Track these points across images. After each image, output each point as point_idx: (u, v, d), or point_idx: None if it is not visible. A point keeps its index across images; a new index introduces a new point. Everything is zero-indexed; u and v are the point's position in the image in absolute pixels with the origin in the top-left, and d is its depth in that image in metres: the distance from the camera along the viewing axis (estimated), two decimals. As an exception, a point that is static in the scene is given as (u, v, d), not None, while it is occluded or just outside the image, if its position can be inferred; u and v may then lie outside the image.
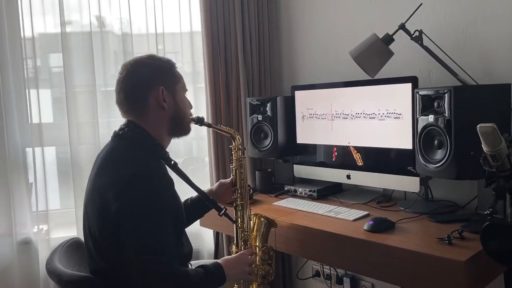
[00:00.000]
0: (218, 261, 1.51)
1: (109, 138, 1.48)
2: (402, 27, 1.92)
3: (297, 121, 2.39)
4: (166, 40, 2.54)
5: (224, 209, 1.67)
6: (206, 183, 2.63)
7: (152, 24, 2.52)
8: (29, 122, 2.35)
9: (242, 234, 1.65)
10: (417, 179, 1.91)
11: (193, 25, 2.60)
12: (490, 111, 1.60)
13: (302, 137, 2.38)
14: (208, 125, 1.64)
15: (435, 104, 1.67)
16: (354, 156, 2.16)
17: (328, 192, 2.25)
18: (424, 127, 1.71)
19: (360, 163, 2.14)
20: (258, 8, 2.61)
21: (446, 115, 1.61)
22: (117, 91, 1.43)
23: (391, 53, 1.96)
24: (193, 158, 2.72)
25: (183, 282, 1.32)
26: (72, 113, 2.37)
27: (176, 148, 2.58)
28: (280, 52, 2.75)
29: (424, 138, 1.73)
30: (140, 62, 1.44)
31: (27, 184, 2.36)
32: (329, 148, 2.27)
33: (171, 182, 1.40)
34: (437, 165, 1.67)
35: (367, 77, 2.03)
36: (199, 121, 1.58)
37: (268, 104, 2.36)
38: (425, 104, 1.72)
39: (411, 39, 1.90)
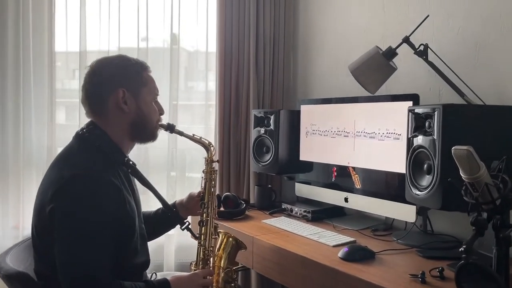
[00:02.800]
0: (168, 277, 1.43)
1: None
2: (406, 40, 1.76)
3: (301, 136, 2.27)
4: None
5: (187, 223, 1.59)
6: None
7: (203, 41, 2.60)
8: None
9: (203, 253, 1.55)
10: (414, 207, 1.72)
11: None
12: (488, 135, 1.41)
13: (305, 154, 2.25)
14: (179, 133, 1.55)
15: (426, 124, 1.50)
16: (353, 177, 2.00)
17: (324, 214, 2.09)
18: (414, 149, 1.54)
19: (358, 185, 1.98)
20: (275, 20, 2.55)
21: (435, 136, 1.43)
22: (81, 90, 1.41)
23: (392, 68, 1.80)
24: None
25: None
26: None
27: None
28: (295, 64, 2.66)
29: (414, 161, 1.55)
30: (106, 61, 1.41)
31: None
32: (329, 167, 2.12)
33: (117, 188, 1.29)
34: (423, 192, 1.48)
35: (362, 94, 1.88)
36: (170, 128, 1.51)
37: (271, 117, 2.26)
38: (418, 123, 1.55)
39: (414, 53, 1.73)
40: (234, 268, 1.62)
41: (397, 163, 1.77)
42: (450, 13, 1.84)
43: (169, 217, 1.63)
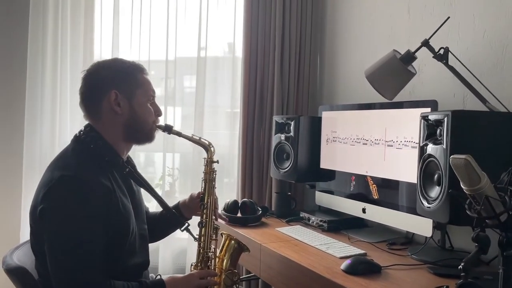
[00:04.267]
0: (164, 278, 1.43)
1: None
2: (426, 43, 1.66)
3: (322, 144, 2.20)
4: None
5: (186, 225, 1.59)
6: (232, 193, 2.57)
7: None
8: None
9: (203, 255, 1.54)
10: (430, 221, 1.61)
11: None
12: (502, 144, 1.29)
13: (326, 162, 2.19)
14: (178, 134, 1.55)
15: (438, 131, 1.40)
16: (371, 187, 1.91)
17: (342, 225, 2.01)
18: (424, 159, 1.45)
19: (375, 196, 1.89)
20: (301, 25, 2.51)
21: (444, 145, 1.34)
22: (79, 93, 1.45)
23: (410, 73, 1.71)
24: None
25: None
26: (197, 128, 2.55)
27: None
28: (322, 70, 2.60)
29: (424, 172, 1.45)
30: (100, 65, 1.44)
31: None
32: (348, 176, 2.04)
33: (106, 189, 1.30)
34: (432, 204, 1.38)
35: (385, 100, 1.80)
36: (167, 129, 1.52)
37: (292, 123, 2.22)
38: (430, 131, 1.46)
39: (433, 57, 1.63)
40: (242, 277, 1.59)
41: (414, 173, 1.66)
42: (476, 15, 1.73)
43: (171, 218, 1.63)
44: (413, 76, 1.72)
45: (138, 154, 2.67)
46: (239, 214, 2.14)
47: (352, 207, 2.01)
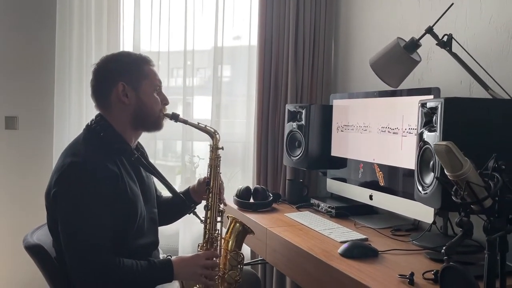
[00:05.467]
0: (172, 258, 1.52)
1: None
2: (429, 30, 1.66)
3: (333, 132, 2.23)
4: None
5: (193, 208, 1.67)
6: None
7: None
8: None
9: (208, 236, 1.62)
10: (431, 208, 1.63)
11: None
12: (495, 132, 1.30)
13: (336, 150, 2.22)
14: (184, 122, 1.62)
15: (434, 118, 1.42)
16: (377, 174, 1.93)
17: (350, 211, 2.04)
18: (421, 146, 1.46)
19: (382, 183, 1.91)
20: (316, 14, 2.52)
21: (437, 132, 1.35)
22: (90, 85, 1.55)
23: (414, 61, 1.71)
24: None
25: (111, 270, 1.35)
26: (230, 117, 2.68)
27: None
28: (336, 58, 2.61)
29: (422, 159, 1.47)
30: (108, 58, 1.52)
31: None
32: (356, 163, 2.07)
33: (113, 174, 1.40)
34: (426, 191, 1.40)
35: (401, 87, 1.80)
36: (174, 117, 1.59)
37: (303, 112, 2.26)
38: (427, 118, 1.47)
39: (436, 44, 1.64)
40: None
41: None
42: (482, 1, 1.71)
43: (180, 202, 1.72)
44: (417, 63, 1.73)
45: (171, 142, 2.82)
46: (251, 200, 2.22)
47: (360, 194, 2.04)
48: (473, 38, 1.73)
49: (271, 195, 2.21)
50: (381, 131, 1.90)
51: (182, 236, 2.64)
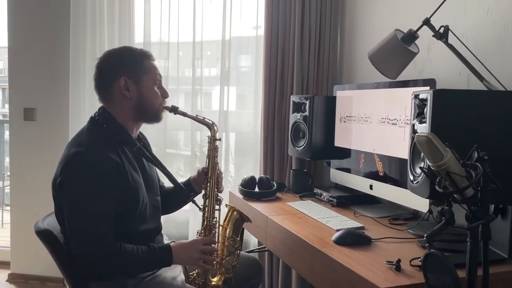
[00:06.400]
0: (171, 243, 1.59)
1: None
2: (426, 22, 1.68)
3: (336, 122, 2.27)
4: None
5: (192, 196, 1.74)
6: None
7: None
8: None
9: (207, 223, 1.69)
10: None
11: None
12: (484, 123, 1.32)
13: (339, 140, 2.26)
14: (183, 114, 1.68)
15: (425, 109, 1.44)
16: (377, 164, 1.97)
17: (351, 201, 2.08)
18: (413, 137, 1.49)
19: (381, 173, 1.94)
20: (322, 4, 2.54)
21: (427, 123, 1.38)
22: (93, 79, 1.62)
23: (411, 53, 1.73)
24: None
25: (113, 254, 1.43)
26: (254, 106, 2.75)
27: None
28: (342, 49, 2.63)
29: (414, 149, 1.50)
30: (110, 53, 1.60)
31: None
32: (358, 154, 2.10)
33: (115, 163, 1.47)
34: (416, 180, 1.44)
35: (400, 78, 1.82)
36: (173, 109, 1.65)
37: (307, 103, 2.30)
38: (420, 110, 1.49)
39: (432, 35, 1.65)
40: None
41: (413, 151, 1.71)
42: (481, -8, 1.71)
43: (180, 191, 1.79)
44: (415, 55, 1.75)
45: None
46: (256, 189, 2.28)
47: (362, 184, 2.07)
48: (472, 29, 1.74)
49: (275, 185, 2.27)
50: (380, 122, 1.93)
51: (191, 224, 2.73)
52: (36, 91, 3.00)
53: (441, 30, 1.64)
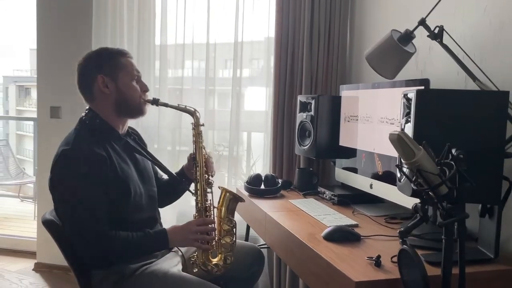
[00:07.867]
0: (166, 228, 1.67)
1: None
2: (422, 22, 1.69)
3: (341, 122, 2.29)
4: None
5: (183, 182, 1.82)
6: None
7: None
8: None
9: (200, 205, 1.74)
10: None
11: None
12: (465, 123, 1.32)
13: (344, 140, 2.28)
14: (164, 105, 1.74)
15: (411, 109, 1.46)
16: (377, 164, 1.98)
17: (352, 200, 2.10)
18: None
19: (380, 172, 1.96)
20: (332, 4, 2.57)
21: (411, 123, 1.40)
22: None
23: (407, 53, 1.74)
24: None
25: (107, 241, 1.53)
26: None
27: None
28: (351, 49, 2.65)
29: (402, 148, 1.52)
30: (87, 56, 1.69)
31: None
32: (360, 153, 2.12)
33: (101, 157, 1.55)
34: (402, 179, 1.45)
35: (401, 78, 1.84)
36: (155, 102, 1.72)
37: (312, 102, 2.33)
38: (408, 110, 1.51)
39: (427, 36, 1.66)
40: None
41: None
42: (479, -9, 1.71)
43: (174, 180, 1.86)
44: (411, 55, 1.75)
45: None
46: (262, 186, 2.33)
47: (363, 183, 2.09)
48: (469, 29, 1.73)
49: (280, 182, 2.31)
50: (380, 121, 1.95)
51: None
52: (61, 91, 3.17)
53: (436, 31, 1.65)
